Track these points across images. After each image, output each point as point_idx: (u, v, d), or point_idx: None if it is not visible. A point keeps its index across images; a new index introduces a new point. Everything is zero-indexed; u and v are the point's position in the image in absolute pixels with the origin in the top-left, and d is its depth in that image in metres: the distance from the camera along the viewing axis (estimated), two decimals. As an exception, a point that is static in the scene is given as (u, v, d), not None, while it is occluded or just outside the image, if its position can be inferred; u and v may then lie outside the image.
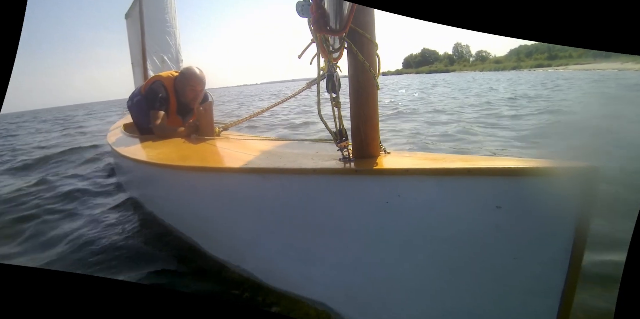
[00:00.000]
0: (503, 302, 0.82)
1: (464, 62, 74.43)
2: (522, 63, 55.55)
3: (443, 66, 74.94)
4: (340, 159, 1.08)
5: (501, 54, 68.83)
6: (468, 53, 78.21)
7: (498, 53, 77.23)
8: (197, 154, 1.83)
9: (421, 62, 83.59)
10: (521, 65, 53.68)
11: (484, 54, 74.61)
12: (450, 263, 0.86)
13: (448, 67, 72.68)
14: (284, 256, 1.21)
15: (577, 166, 0.74)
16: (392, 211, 0.91)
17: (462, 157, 0.98)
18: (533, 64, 50.83)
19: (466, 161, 0.88)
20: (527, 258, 0.78)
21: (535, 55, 55.40)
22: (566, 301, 0.76)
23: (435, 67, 76.01)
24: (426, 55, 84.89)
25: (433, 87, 18.28)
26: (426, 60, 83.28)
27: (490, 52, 76.71)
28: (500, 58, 67.70)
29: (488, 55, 73.81)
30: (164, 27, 4.64)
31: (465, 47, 78.90)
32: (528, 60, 55.78)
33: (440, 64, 77.89)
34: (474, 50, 78.27)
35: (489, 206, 0.79)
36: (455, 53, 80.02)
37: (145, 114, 2.51)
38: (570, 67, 37.80)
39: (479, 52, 76.25)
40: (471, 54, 77.79)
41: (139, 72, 4.72)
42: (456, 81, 25.06)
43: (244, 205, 1.29)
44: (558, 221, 0.75)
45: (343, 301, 1.07)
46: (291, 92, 1.79)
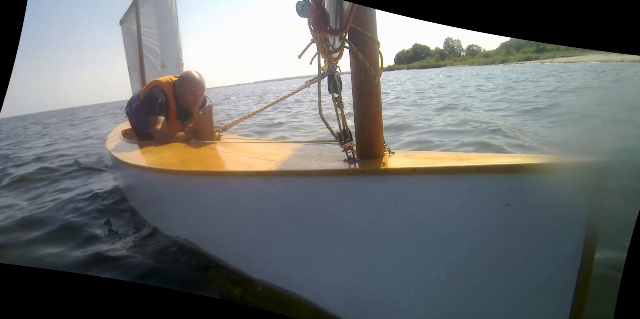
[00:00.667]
0: (514, 302, 0.81)
1: (454, 57, 74.68)
2: (511, 56, 56.18)
3: (434, 61, 74.97)
4: (344, 160, 1.07)
5: (492, 48, 69.39)
6: (459, 48, 78.45)
7: (489, 47, 77.73)
8: (198, 159, 1.81)
9: (413, 57, 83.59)
10: (510, 59, 54.27)
11: (475, 48, 74.92)
12: (460, 263, 0.85)
13: (439, 62, 72.79)
14: (289, 259, 1.20)
15: (587, 161, 0.73)
16: (400, 211, 0.90)
17: (467, 155, 0.98)
18: (521, 58, 51.43)
19: (472, 159, 0.88)
20: (538, 256, 0.77)
21: (524, 48, 55.89)
22: (579, 300, 0.74)
23: (427, 62, 76.14)
24: (418, 51, 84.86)
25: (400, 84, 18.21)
26: (418, 56, 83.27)
27: (481, 46, 77.23)
28: (489, 52, 68.23)
29: (479, 49, 74.13)
30: (165, 32, 4.63)
31: (457, 42, 79.11)
32: (517, 53, 56.31)
33: (432, 59, 78.05)
34: (465, 45, 78.56)
35: (499, 203, 0.78)
36: (446, 48, 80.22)
37: (144, 120, 2.51)
38: (556, 60, 38.29)
39: (469, 47, 76.55)
40: (462, 48, 78.09)
41: (136, 77, 4.71)
42: (430, 75, 25.59)
43: (248, 209, 1.28)
44: (569, 217, 0.74)
45: (350, 304, 1.05)
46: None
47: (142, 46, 4.48)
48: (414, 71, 52.00)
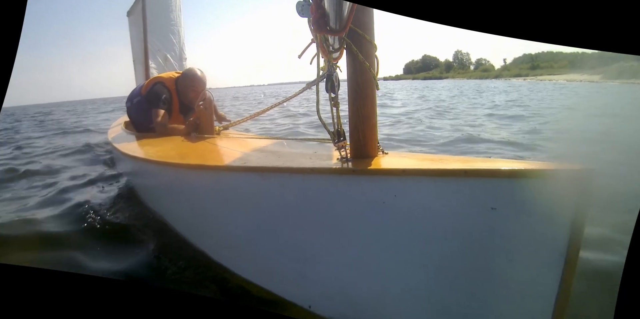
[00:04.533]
0: (497, 304, 0.82)
1: (458, 70, 75.10)
2: (504, 72, 57.17)
3: (438, 73, 75.46)
4: (338, 159, 1.08)
5: (503, 63, 69.54)
6: (468, 61, 78.63)
7: (500, 62, 77.79)
8: (196, 152, 1.83)
9: (421, 68, 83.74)
10: (503, 74, 55.25)
11: (483, 62, 75.13)
12: (445, 264, 0.86)
13: (443, 74, 73.32)
14: (280, 255, 1.21)
15: (574, 168, 0.74)
16: (389, 212, 0.91)
17: (459, 158, 0.98)
18: (513, 74, 52.75)
19: (463, 162, 0.88)
20: (521, 261, 0.78)
21: (521, 65, 56.84)
22: (560, 304, 0.75)
23: (432, 74, 76.56)
24: (427, 62, 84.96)
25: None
26: (427, 67, 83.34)
27: (489, 60, 77.45)
28: (488, 67, 69.08)
29: (487, 63, 74.31)
30: (168, 25, 4.63)
31: (466, 55, 79.11)
32: (514, 69, 57.31)
33: (436, 71, 78.39)
34: (474, 58, 78.73)
35: (485, 207, 0.79)
36: (455, 60, 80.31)
37: (145, 115, 2.57)
38: (539, 78, 39.21)
39: (478, 60, 76.81)
40: (471, 61, 78.22)
41: (141, 69, 4.72)
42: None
43: (241, 203, 1.29)
44: (553, 223, 0.75)
45: (338, 301, 1.06)
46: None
47: (147, 39, 4.49)
48: (418, 82, 52.19)
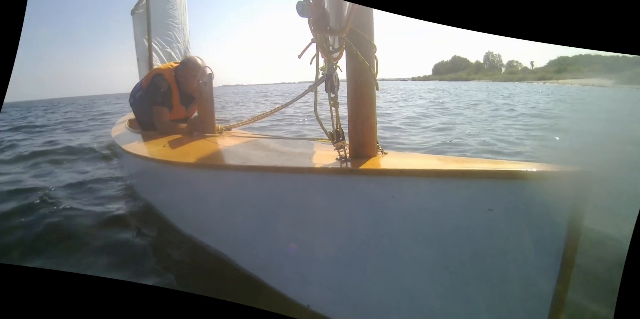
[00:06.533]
0: (493, 305, 0.82)
1: (487, 72, 73.21)
2: (530, 75, 55.71)
3: (465, 75, 73.95)
4: (337, 159, 1.08)
5: (538, 66, 67.33)
6: (499, 62, 76.48)
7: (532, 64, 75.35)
8: (197, 151, 1.84)
9: (451, 69, 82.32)
10: (527, 77, 53.82)
11: (515, 64, 72.94)
12: (441, 265, 0.85)
13: (470, 76, 71.78)
14: (279, 254, 1.21)
15: (571, 171, 0.73)
16: (386, 212, 0.91)
17: (458, 159, 0.97)
18: (538, 77, 51.20)
19: (461, 163, 0.88)
20: (517, 262, 0.78)
21: (548, 68, 54.94)
22: (557, 305, 0.75)
23: (459, 75, 75.08)
24: (456, 63, 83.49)
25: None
26: (456, 68, 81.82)
27: (521, 62, 75.15)
28: (514, 69, 67.29)
29: (519, 65, 72.07)
30: (173, 23, 4.58)
31: (497, 57, 77.06)
32: (540, 72, 55.97)
33: (464, 72, 76.77)
34: (505, 60, 76.39)
35: (481, 208, 0.79)
36: (486, 62, 78.33)
37: (147, 110, 2.53)
38: (560, 81, 38.19)
39: (510, 62, 74.70)
40: (502, 63, 76.01)
41: (145, 67, 4.65)
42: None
43: (241, 202, 1.30)
44: (550, 225, 0.74)
45: (336, 300, 1.07)
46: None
47: (151, 37, 4.44)
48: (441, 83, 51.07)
